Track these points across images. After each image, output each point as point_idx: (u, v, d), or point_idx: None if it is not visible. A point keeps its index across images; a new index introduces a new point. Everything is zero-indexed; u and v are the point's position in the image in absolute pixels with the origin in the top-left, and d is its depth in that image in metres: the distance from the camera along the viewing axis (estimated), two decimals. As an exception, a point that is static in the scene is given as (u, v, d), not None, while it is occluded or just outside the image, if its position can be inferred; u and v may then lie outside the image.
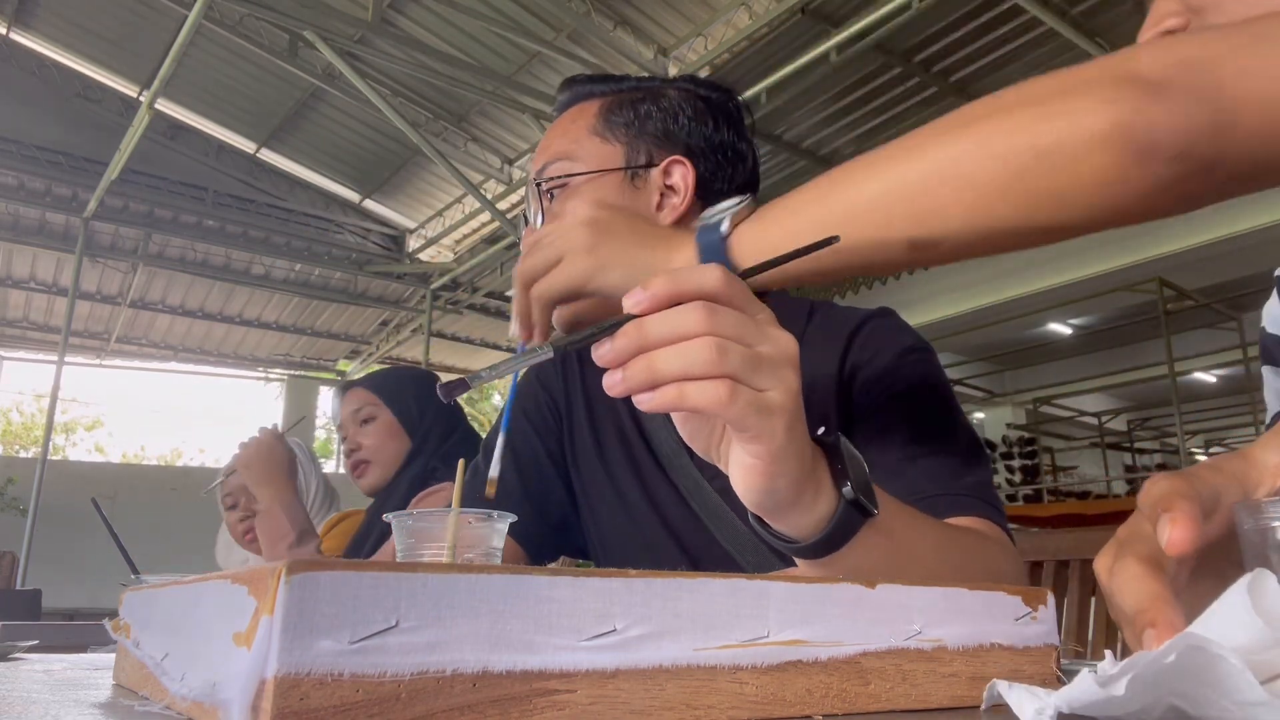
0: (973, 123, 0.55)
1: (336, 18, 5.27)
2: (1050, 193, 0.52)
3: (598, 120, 0.98)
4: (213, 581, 0.39)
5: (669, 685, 0.38)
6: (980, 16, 5.10)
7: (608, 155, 0.96)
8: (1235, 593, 0.35)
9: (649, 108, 0.99)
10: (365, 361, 10.56)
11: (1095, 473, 11.50)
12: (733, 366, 0.51)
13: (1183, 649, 0.32)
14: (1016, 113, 0.53)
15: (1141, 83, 0.49)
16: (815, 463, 0.58)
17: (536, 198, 0.96)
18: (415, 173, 7.87)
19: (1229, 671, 0.31)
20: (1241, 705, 0.32)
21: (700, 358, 0.50)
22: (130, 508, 7.22)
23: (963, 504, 0.80)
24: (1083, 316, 9.34)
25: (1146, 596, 0.42)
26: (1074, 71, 0.52)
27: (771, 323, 0.54)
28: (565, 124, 1.00)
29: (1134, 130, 0.48)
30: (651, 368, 0.51)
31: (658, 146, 0.97)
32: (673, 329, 0.50)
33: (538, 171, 0.97)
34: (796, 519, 0.59)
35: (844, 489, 0.58)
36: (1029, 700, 0.36)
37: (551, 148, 0.98)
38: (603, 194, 0.94)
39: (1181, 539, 0.40)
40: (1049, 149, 0.51)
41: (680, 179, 0.97)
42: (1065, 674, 0.50)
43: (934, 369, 0.92)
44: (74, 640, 1.15)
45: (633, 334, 0.51)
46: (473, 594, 0.35)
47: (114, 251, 7.90)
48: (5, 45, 7.01)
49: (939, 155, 0.56)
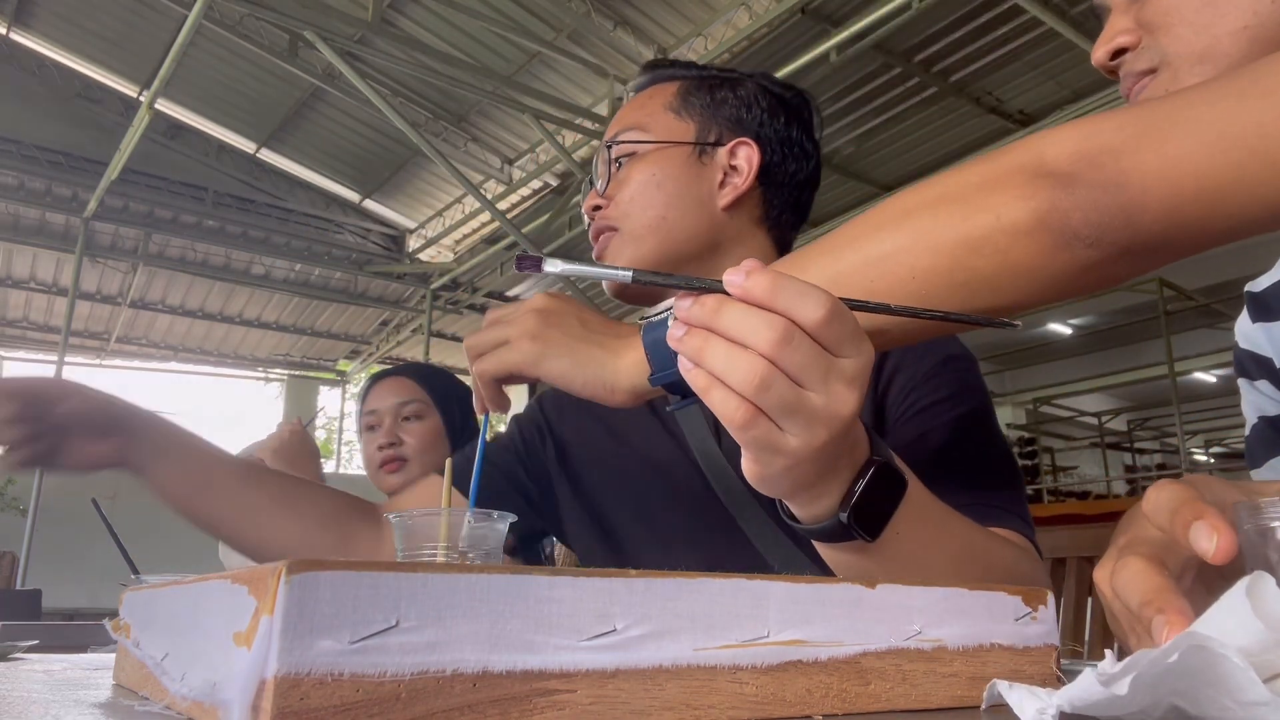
0: (906, 218, 0.58)
1: (336, 18, 5.27)
2: (985, 279, 0.56)
3: (675, 98, 1.03)
4: (213, 581, 0.39)
5: (669, 685, 0.38)
6: (980, 16, 5.10)
7: (680, 131, 1.01)
8: (1234, 595, 0.35)
9: (725, 93, 1.04)
10: (365, 361, 10.56)
11: (1095, 473, 11.50)
12: (766, 402, 0.49)
13: (1185, 648, 0.32)
14: (944, 208, 0.57)
15: (1053, 177, 0.53)
16: (837, 469, 0.56)
17: (606, 162, 1.02)
18: (415, 173, 7.87)
19: (1231, 671, 0.31)
20: (1244, 705, 0.32)
21: (740, 375, 0.49)
22: (130, 508, 7.21)
23: (995, 516, 0.80)
24: (1083, 316, 9.34)
25: (1152, 588, 0.42)
26: (987, 165, 0.57)
27: (846, 375, 0.51)
28: (643, 99, 1.06)
29: (1052, 222, 0.53)
30: (700, 350, 0.50)
31: (728, 129, 1.02)
32: (741, 331, 0.49)
33: (609, 137, 1.03)
34: (797, 508, 0.59)
35: (840, 514, 0.57)
36: (1030, 700, 0.36)
37: (626, 119, 1.04)
38: (668, 165, 0.99)
39: (1228, 546, 0.40)
40: (979, 242, 0.55)
41: (745, 160, 1.01)
42: (1065, 674, 0.50)
43: (976, 379, 0.92)
44: (74, 640, 1.15)
45: (709, 310, 0.49)
46: (473, 594, 0.35)
47: (114, 251, 7.90)
48: (5, 45, 7.01)
49: (880, 248, 0.58)
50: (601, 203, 1.01)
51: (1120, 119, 0.52)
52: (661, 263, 0.98)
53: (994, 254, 0.54)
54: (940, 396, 0.88)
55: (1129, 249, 0.52)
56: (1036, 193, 0.53)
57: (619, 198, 1.00)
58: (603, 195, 1.01)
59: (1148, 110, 0.52)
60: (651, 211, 0.98)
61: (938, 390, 0.88)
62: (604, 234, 1.01)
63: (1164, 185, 0.50)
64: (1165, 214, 0.50)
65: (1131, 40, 0.74)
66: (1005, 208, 0.54)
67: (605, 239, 1.01)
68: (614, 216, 1.00)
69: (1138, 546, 0.46)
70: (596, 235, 1.01)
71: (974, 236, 0.55)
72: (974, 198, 0.55)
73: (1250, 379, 0.93)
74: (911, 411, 0.88)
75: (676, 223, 0.99)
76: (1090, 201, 0.52)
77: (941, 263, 0.56)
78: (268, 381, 11.12)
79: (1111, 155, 0.51)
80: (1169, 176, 0.49)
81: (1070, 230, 0.52)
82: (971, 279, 0.56)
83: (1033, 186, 0.53)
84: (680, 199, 0.99)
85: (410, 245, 8.78)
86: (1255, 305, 0.91)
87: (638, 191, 0.99)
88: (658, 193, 0.99)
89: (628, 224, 0.99)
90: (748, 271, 0.49)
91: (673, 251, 0.99)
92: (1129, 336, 9.24)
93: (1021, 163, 0.55)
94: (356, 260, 8.55)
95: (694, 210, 1.00)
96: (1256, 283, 0.92)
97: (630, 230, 0.99)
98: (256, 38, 6.03)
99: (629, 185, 1.00)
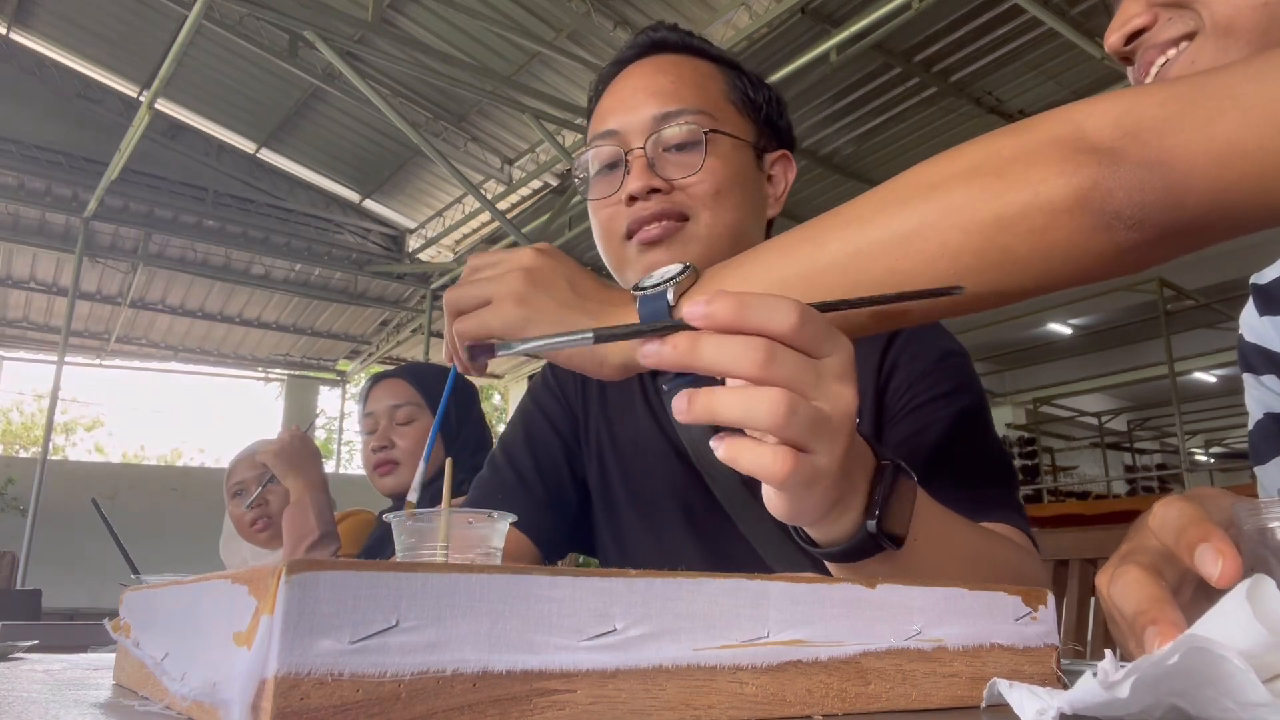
0: (934, 191, 0.55)
1: (336, 18, 5.27)
2: (1017, 260, 0.53)
3: (730, 89, 0.95)
4: (213, 581, 0.39)
5: (669, 685, 0.38)
6: (980, 16, 5.11)
7: (745, 129, 0.95)
8: (1234, 597, 0.35)
9: (768, 95, 0.99)
10: (365, 361, 10.56)
11: (1095, 473, 11.50)
12: (795, 427, 0.47)
13: (1186, 650, 0.32)
14: (977, 182, 0.53)
15: (1096, 153, 0.50)
16: (853, 479, 0.55)
17: (655, 145, 0.89)
18: (415, 173, 7.87)
19: (1231, 672, 0.31)
20: (1245, 705, 0.32)
21: (765, 414, 0.46)
22: (130, 508, 7.24)
23: (994, 511, 0.80)
24: (1083, 316, 9.34)
25: (1147, 599, 0.42)
26: (1024, 134, 0.54)
27: (835, 373, 0.49)
28: (690, 74, 0.94)
29: (1093, 201, 0.50)
30: (711, 409, 0.47)
31: (768, 136, 0.98)
32: (726, 362, 0.47)
33: (666, 114, 0.90)
34: (818, 532, 0.58)
35: (868, 524, 0.56)
36: (1030, 700, 0.36)
37: (683, 95, 0.91)
38: (743, 165, 0.93)
39: (1233, 571, 0.40)
40: (1014, 219, 0.52)
41: (781, 172, 0.98)
42: (1065, 674, 0.50)
43: (971, 375, 0.92)
44: (74, 640, 1.15)
45: (684, 348, 0.47)
46: (473, 594, 0.35)
47: (114, 251, 7.90)
48: (5, 45, 7.01)
49: (904, 222, 0.55)
50: (662, 185, 0.89)
51: (1162, 94, 0.50)
52: None
53: (1029, 233, 0.51)
54: (939, 392, 0.88)
55: (1170, 231, 0.50)
56: (1079, 169, 0.50)
57: (695, 187, 0.89)
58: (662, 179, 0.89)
59: (1190, 86, 0.49)
60: (733, 213, 0.90)
61: (935, 386, 0.88)
62: (665, 221, 0.89)
63: (1212, 165, 0.47)
64: (1211, 196, 0.48)
65: (1147, 20, 0.73)
66: (1044, 184, 0.51)
67: (669, 228, 0.89)
68: (687, 204, 0.89)
69: (1137, 555, 0.46)
70: (654, 219, 0.89)
71: (1008, 214, 0.52)
72: (1009, 171, 0.52)
73: (1256, 374, 0.92)
74: (910, 407, 0.88)
75: (749, 230, 0.93)
76: (1135, 180, 0.49)
77: (973, 241, 0.53)
78: (268, 381, 11.13)
79: (1155, 132, 0.49)
80: (1217, 156, 0.47)
81: (1112, 210, 0.49)
82: (1005, 259, 0.53)
83: (1074, 162, 0.50)
84: (753, 205, 0.94)
85: (410, 245, 8.78)
86: (1262, 298, 0.90)
87: (724, 184, 0.89)
88: (739, 192, 0.91)
89: (706, 218, 0.89)
90: (707, 300, 0.47)
91: None
92: (1129, 336, 9.24)
93: (1058, 135, 0.51)
94: (356, 260, 8.55)
95: (760, 220, 0.96)
96: (1262, 275, 0.91)
97: (707, 226, 0.89)
98: (256, 38, 6.04)
99: (713, 175, 0.89)
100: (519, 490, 1.03)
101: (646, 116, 0.90)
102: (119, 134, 6.06)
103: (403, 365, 1.94)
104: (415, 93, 6.79)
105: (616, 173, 0.92)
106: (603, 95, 0.97)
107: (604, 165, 0.94)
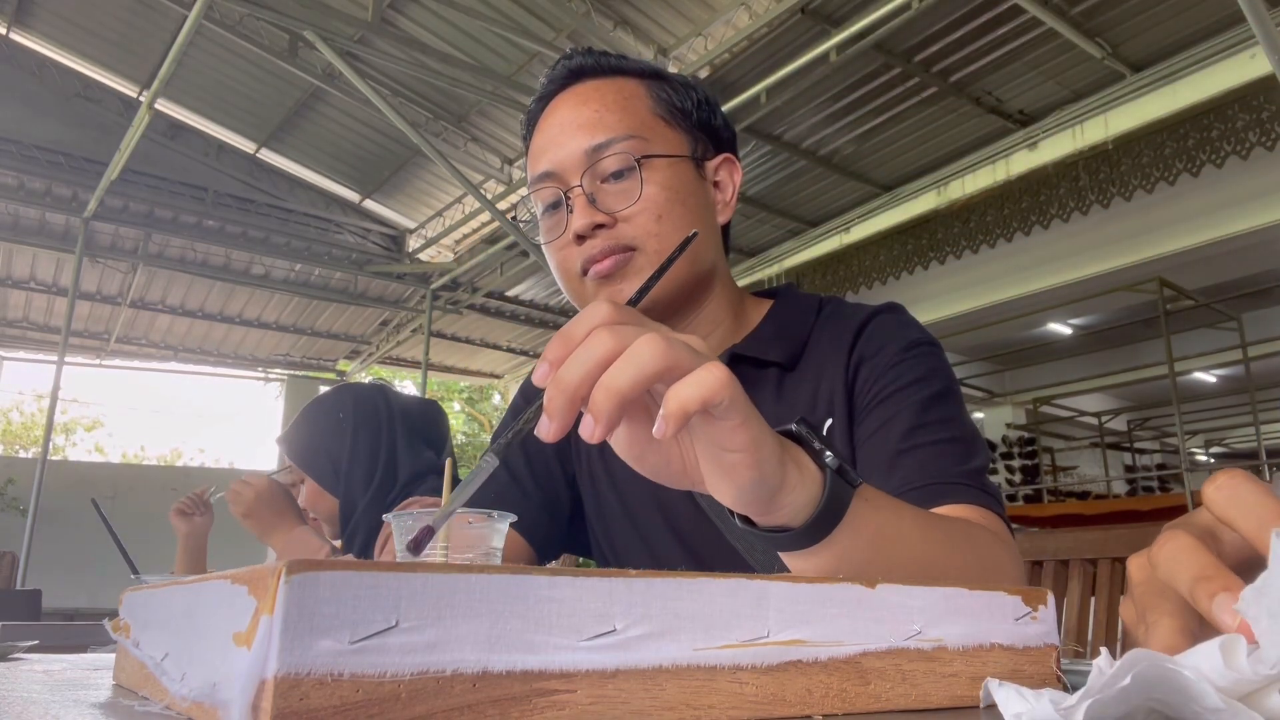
0: None
1: (336, 18, 5.27)
2: None
3: (655, 104, 0.95)
4: (213, 581, 0.39)
5: (669, 685, 0.38)
6: (980, 16, 5.10)
7: (677, 142, 0.95)
8: (1207, 647, 0.35)
9: (698, 99, 0.98)
10: (365, 361, 10.56)
11: (1095, 473, 11.50)
12: (681, 351, 0.49)
13: (1136, 670, 0.32)
14: None
15: None
16: (786, 445, 0.56)
17: (592, 179, 0.90)
18: (415, 173, 7.86)
19: (1186, 683, 0.32)
20: (1209, 710, 0.32)
21: (646, 345, 0.48)
22: (130, 508, 7.22)
23: (955, 492, 0.80)
24: (1083, 316, 9.33)
25: (1210, 564, 0.41)
26: None
27: (666, 333, 0.51)
28: (613, 97, 0.94)
29: None
30: (564, 385, 0.48)
31: (705, 140, 0.98)
32: (590, 355, 0.49)
33: (596, 146, 0.90)
34: (788, 499, 0.56)
35: (826, 458, 0.57)
36: (1015, 701, 0.36)
37: (610, 123, 0.91)
38: (684, 179, 0.93)
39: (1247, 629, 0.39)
40: None
41: (727, 175, 0.98)
42: (1065, 674, 0.50)
43: (939, 363, 0.92)
44: (74, 640, 1.15)
45: (553, 392, 0.49)
46: (472, 594, 0.35)
47: (114, 251, 7.89)
48: (5, 45, 7.01)
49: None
50: (605, 220, 0.90)
51: None
52: (689, 286, 0.94)
53: None
54: (904, 382, 0.88)
55: None
56: None
57: (637, 217, 0.90)
58: (603, 211, 0.90)
59: None
60: (680, 232, 0.90)
61: (901, 376, 0.89)
62: (616, 255, 0.90)
63: None
64: None
65: None
66: None
67: (620, 260, 0.90)
68: (634, 236, 0.90)
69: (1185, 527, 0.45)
70: (604, 256, 0.90)
71: None
72: None
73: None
74: (879, 400, 0.88)
75: (702, 242, 0.93)
76: None
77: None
78: (268, 381, 11.12)
79: None
80: None
81: None
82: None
83: None
84: (700, 217, 0.94)
85: (410, 245, 8.77)
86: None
87: (665, 208, 0.90)
88: (682, 209, 0.91)
89: (653, 244, 0.90)
90: (540, 367, 0.50)
91: (699, 273, 0.95)
92: (1129, 336, 9.22)
93: None
94: (356, 260, 8.55)
95: (712, 230, 0.96)
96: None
97: (656, 253, 0.89)
98: (256, 38, 6.03)
99: (652, 202, 0.90)
100: (513, 490, 1.03)
101: (577, 152, 0.91)
102: (119, 134, 6.06)
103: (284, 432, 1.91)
104: (415, 93, 6.78)
105: (561, 212, 0.93)
106: (534, 134, 0.98)
107: (548, 206, 0.95)
